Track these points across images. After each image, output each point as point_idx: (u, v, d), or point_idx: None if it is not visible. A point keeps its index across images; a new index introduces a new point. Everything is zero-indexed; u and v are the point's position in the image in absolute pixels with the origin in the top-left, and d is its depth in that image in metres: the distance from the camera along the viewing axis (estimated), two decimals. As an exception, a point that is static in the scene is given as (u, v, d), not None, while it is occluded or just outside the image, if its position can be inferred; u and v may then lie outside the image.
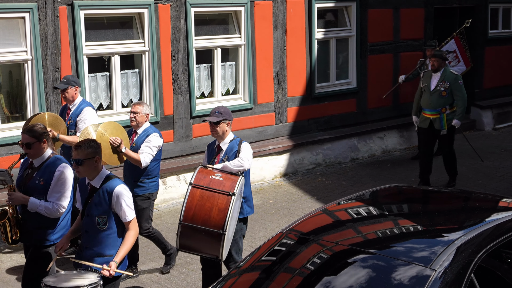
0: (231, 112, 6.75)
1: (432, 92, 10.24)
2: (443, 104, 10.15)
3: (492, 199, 5.66)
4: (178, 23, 10.02)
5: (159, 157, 7.48)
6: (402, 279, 3.93)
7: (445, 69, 10.23)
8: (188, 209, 5.92)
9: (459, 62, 12.60)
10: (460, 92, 10.14)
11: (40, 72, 8.78)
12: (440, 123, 10.24)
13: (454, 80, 10.13)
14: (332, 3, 12.01)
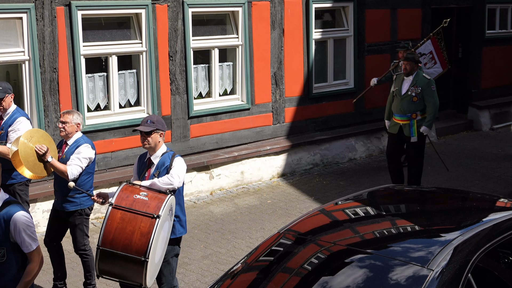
0: (164, 122, 6.15)
1: (402, 97, 9.76)
2: (413, 110, 9.69)
3: (489, 199, 5.68)
4: (176, 23, 10.03)
5: (92, 170, 6.87)
6: (400, 279, 3.93)
7: (417, 73, 9.73)
8: (107, 232, 5.34)
9: (435, 63, 12.10)
10: (432, 98, 9.64)
11: (38, 72, 8.77)
12: (409, 129, 9.78)
13: (426, 85, 9.64)
14: (329, 4, 12.02)
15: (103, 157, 9.50)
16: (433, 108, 9.67)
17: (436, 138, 13.77)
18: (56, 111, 9.00)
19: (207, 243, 8.42)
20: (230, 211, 9.67)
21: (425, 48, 11.85)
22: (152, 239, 5.31)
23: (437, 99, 9.72)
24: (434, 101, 9.66)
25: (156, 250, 5.47)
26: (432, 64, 12.03)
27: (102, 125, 9.45)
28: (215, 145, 10.73)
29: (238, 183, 10.82)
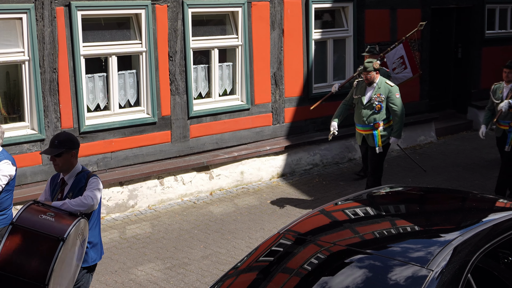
0: (74, 138, 5.54)
1: (365, 106, 9.37)
2: (376, 119, 9.33)
3: (489, 200, 5.68)
4: (176, 23, 10.03)
5: (12, 187, 6.29)
6: (399, 280, 3.94)
7: (380, 80, 9.32)
8: (4, 253, 4.71)
9: (405, 68, 11.53)
10: (396, 106, 9.24)
11: (38, 73, 8.77)
12: (373, 140, 9.41)
13: (390, 93, 9.24)
14: (329, 4, 12.03)
15: (103, 158, 9.51)
16: (399, 116, 9.28)
17: (435, 138, 13.78)
18: (56, 111, 9.00)
19: (207, 243, 8.43)
20: (230, 211, 9.67)
21: (396, 53, 11.42)
22: (54, 264, 4.71)
23: (402, 107, 9.31)
24: (399, 109, 9.27)
25: (60, 278, 4.88)
26: (401, 69, 11.50)
27: (101, 125, 9.46)
28: (215, 145, 10.74)
29: (238, 183, 10.82)
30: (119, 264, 7.85)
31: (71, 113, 9.16)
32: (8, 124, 8.81)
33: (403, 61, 11.46)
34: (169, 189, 10.07)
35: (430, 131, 13.70)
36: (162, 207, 9.86)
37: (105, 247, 8.35)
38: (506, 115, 9.57)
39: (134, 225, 9.10)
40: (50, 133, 8.95)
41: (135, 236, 8.72)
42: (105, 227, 9.04)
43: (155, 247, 8.35)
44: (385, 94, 9.27)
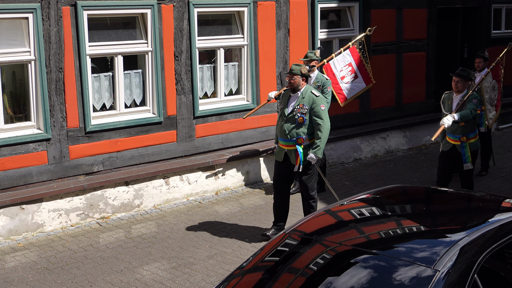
0: None
1: (287, 117, 8.18)
2: (299, 133, 8.13)
3: (495, 200, 5.66)
4: (181, 23, 10.03)
5: None
6: (405, 280, 3.93)
7: (305, 89, 8.16)
8: None
9: (355, 78, 10.52)
10: (320, 119, 8.06)
11: (44, 72, 8.79)
12: (295, 157, 8.21)
13: (314, 104, 8.06)
14: (335, 4, 12.01)
15: (109, 157, 9.52)
16: (322, 131, 8.08)
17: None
18: (62, 111, 9.01)
19: (212, 243, 8.43)
20: (236, 211, 9.67)
21: (343, 59, 10.49)
22: None
23: (328, 120, 8.15)
24: (323, 123, 8.07)
25: None
26: (351, 78, 10.53)
27: (107, 125, 9.47)
28: (220, 145, 10.74)
29: (243, 183, 10.82)
30: (125, 263, 7.85)
31: (77, 113, 9.17)
32: (14, 124, 8.83)
33: (352, 69, 10.55)
34: (174, 188, 10.08)
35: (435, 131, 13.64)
36: (168, 207, 9.86)
37: (111, 246, 8.36)
38: (456, 128, 8.78)
39: (139, 225, 9.10)
40: (56, 133, 8.97)
41: (140, 236, 8.73)
42: (111, 227, 9.05)
43: (161, 246, 8.36)
44: (308, 105, 8.08)
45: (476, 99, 8.78)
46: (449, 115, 8.53)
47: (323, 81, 9.93)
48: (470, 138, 8.88)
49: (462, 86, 8.82)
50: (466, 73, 8.83)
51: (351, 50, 10.57)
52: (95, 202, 9.28)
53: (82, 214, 9.20)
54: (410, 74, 13.31)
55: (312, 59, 9.92)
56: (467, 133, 8.85)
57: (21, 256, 8.06)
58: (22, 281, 7.40)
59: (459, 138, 8.86)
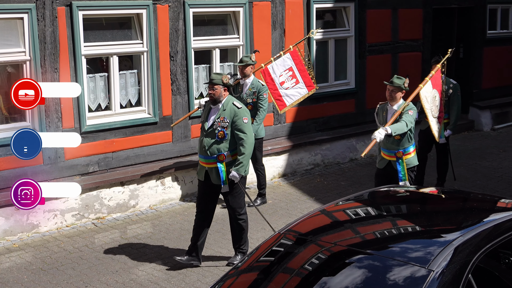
0: None
1: (207, 132, 7.46)
2: (220, 149, 7.41)
3: (490, 200, 5.67)
4: (177, 23, 10.03)
5: None
6: (400, 280, 3.94)
7: (227, 101, 7.42)
8: None
9: (297, 83, 9.84)
10: (243, 134, 7.35)
11: (39, 72, 8.77)
12: (217, 175, 7.47)
13: (236, 116, 7.34)
14: (330, 4, 12.02)
15: (104, 157, 9.51)
16: (246, 147, 7.37)
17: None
18: (57, 111, 9.00)
19: (208, 243, 8.42)
20: (231, 211, 9.66)
21: (283, 63, 9.80)
22: None
23: (251, 134, 7.43)
24: (246, 138, 7.36)
25: None
26: (292, 83, 9.83)
27: (103, 125, 9.46)
28: (216, 145, 10.72)
29: (239, 183, 10.80)
30: (120, 264, 7.85)
31: (72, 113, 9.15)
32: (9, 124, 8.82)
33: (292, 73, 9.83)
34: (170, 189, 10.07)
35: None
36: (163, 207, 9.85)
37: (106, 247, 8.36)
38: (391, 142, 8.06)
39: (135, 225, 9.09)
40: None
41: (136, 236, 8.72)
42: (106, 227, 9.04)
43: (156, 247, 8.35)
44: (230, 118, 7.37)
45: (413, 110, 7.96)
46: (381, 128, 7.69)
47: (259, 87, 9.49)
48: (407, 153, 8.07)
49: (397, 95, 8.04)
50: (401, 81, 8.05)
51: (292, 54, 9.86)
52: (90, 202, 9.27)
53: (78, 215, 9.19)
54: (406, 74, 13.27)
55: (248, 64, 9.45)
56: (403, 147, 8.04)
57: (16, 257, 8.05)
58: (17, 282, 7.39)
59: (395, 154, 8.07)
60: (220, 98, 7.43)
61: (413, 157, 8.15)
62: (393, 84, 8.04)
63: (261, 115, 9.52)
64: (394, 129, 7.71)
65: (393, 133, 7.69)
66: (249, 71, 9.53)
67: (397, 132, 7.74)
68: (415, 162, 8.18)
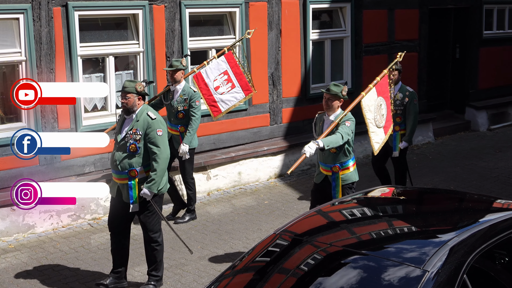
0: None
1: (119, 145, 6.84)
2: (132, 164, 6.79)
3: (485, 200, 5.68)
4: (173, 24, 10.02)
5: None
6: (395, 280, 3.94)
7: (141, 111, 6.80)
8: None
9: (233, 87, 9.29)
10: (157, 147, 6.71)
11: (35, 73, 8.76)
12: (128, 193, 6.84)
13: (149, 128, 6.70)
14: (327, 4, 12.03)
15: (100, 158, 9.50)
16: (159, 162, 6.73)
17: (433, 138, 13.77)
18: (53, 112, 8.99)
19: (204, 244, 8.42)
20: (227, 211, 9.66)
21: (217, 67, 9.20)
22: None
23: (165, 149, 6.78)
24: (159, 153, 6.72)
25: None
26: (227, 88, 9.26)
27: (99, 126, 9.44)
28: (212, 145, 10.73)
29: (235, 184, 10.81)
30: (116, 264, 7.83)
31: (68, 114, 9.14)
32: (5, 125, 8.81)
33: (228, 77, 9.24)
34: (166, 189, 10.05)
35: (428, 131, 13.70)
36: (160, 208, 9.83)
37: (102, 247, 8.35)
38: (327, 156, 7.29)
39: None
40: (47, 134, 8.94)
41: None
42: (102, 228, 9.03)
43: (152, 247, 8.33)
44: (143, 130, 6.75)
45: (351, 121, 7.20)
46: (312, 141, 6.90)
47: (190, 94, 8.88)
48: (344, 168, 7.30)
49: (335, 104, 7.25)
50: (339, 88, 7.24)
51: (226, 57, 9.21)
52: (86, 203, 9.26)
53: (74, 215, 9.17)
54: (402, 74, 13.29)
55: (178, 69, 8.81)
56: (340, 162, 7.28)
57: (12, 258, 8.04)
58: (13, 283, 7.38)
59: (331, 168, 7.29)
60: (133, 107, 6.79)
61: (352, 173, 7.35)
62: (329, 91, 7.23)
63: (194, 124, 8.93)
64: (327, 142, 6.90)
65: (326, 146, 6.88)
66: (180, 76, 8.86)
67: (330, 146, 6.94)
68: (354, 177, 7.37)
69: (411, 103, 9.32)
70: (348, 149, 7.27)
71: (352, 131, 7.18)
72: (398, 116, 9.28)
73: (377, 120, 7.79)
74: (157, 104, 9.06)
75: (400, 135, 9.34)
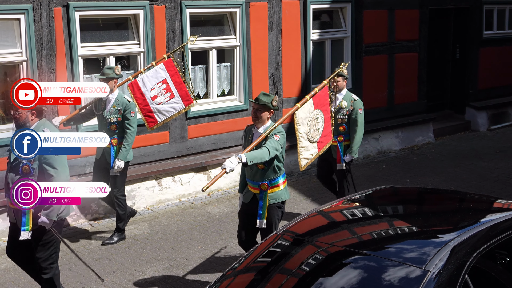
0: None
1: (12, 165, 6.16)
2: None
3: (486, 200, 5.69)
4: (173, 24, 10.03)
5: None
6: (397, 280, 3.95)
7: (37, 126, 6.18)
8: None
9: (172, 97, 8.57)
10: (53, 169, 6.02)
11: (35, 73, 8.77)
12: (21, 221, 6.12)
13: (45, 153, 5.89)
14: (327, 4, 12.03)
15: (101, 158, 9.50)
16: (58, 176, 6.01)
17: (433, 139, 13.77)
18: (54, 112, 9.00)
19: (205, 244, 8.43)
20: (228, 211, 9.67)
21: (155, 75, 8.53)
22: None
23: (63, 170, 6.08)
24: (56, 175, 6.00)
25: None
26: (166, 97, 8.57)
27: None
28: (212, 145, 10.74)
29: (236, 184, 10.81)
30: (117, 264, 7.84)
31: (69, 114, 9.13)
32: (6, 125, 8.81)
33: (167, 86, 8.55)
34: (167, 189, 10.07)
35: (428, 131, 13.71)
36: (160, 208, 9.85)
37: (103, 247, 8.35)
38: (255, 172, 6.72)
39: (132, 226, 9.08)
40: (48, 134, 8.94)
41: (133, 237, 8.72)
42: (103, 228, 9.04)
43: (153, 247, 8.35)
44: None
45: (281, 134, 6.60)
46: (234, 155, 6.33)
47: (124, 104, 8.26)
48: (273, 186, 6.71)
49: (264, 115, 6.71)
50: (268, 98, 6.68)
51: (166, 64, 8.56)
52: (87, 203, 9.26)
53: (74, 215, 9.18)
54: (402, 74, 13.34)
55: (110, 77, 8.16)
56: (268, 179, 6.68)
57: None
58: (14, 283, 7.38)
59: (259, 185, 6.70)
60: (26, 123, 6.13)
61: (282, 191, 6.75)
62: (258, 101, 6.67)
63: (129, 138, 8.29)
64: (251, 158, 6.29)
65: (249, 162, 6.26)
66: (112, 85, 8.18)
67: (254, 161, 6.32)
68: (283, 196, 6.77)
69: (357, 112, 8.58)
70: (278, 166, 6.67)
71: (281, 145, 6.55)
72: (341, 125, 8.61)
73: (310, 135, 7.22)
74: (87, 115, 8.48)
75: (344, 146, 8.64)
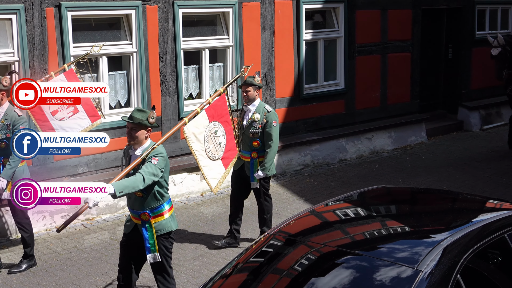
0: None
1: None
2: None
3: (479, 200, 5.70)
4: (166, 24, 10.01)
5: None
6: (389, 280, 3.95)
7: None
8: None
9: (75, 112, 7.59)
10: None
11: (28, 73, 8.74)
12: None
13: None
14: (320, 5, 12.04)
15: (93, 158, 9.48)
16: None
17: (426, 138, 13.79)
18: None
19: (198, 244, 8.42)
20: (221, 212, 9.66)
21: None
22: None
23: None
24: None
25: None
26: (68, 113, 7.60)
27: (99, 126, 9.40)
28: (205, 146, 10.71)
29: (228, 184, 10.77)
30: (110, 265, 7.82)
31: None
32: None
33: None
34: (160, 190, 10.04)
35: (420, 131, 13.73)
36: (153, 208, 9.82)
37: (96, 248, 8.33)
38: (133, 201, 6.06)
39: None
40: (40, 134, 8.91)
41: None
42: (96, 228, 9.01)
43: (146, 248, 8.32)
44: None
45: (160, 157, 5.82)
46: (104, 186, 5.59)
47: (13, 118, 7.30)
48: (157, 215, 6.00)
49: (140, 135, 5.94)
50: (144, 115, 5.89)
51: (67, 75, 7.63)
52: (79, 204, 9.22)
53: (67, 216, 9.15)
54: (395, 75, 13.36)
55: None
56: (149, 207, 5.97)
57: (5, 259, 8.01)
58: (6, 284, 7.35)
59: (139, 215, 5.99)
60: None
61: (166, 220, 6.05)
62: (132, 119, 5.86)
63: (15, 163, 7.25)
64: (121, 187, 5.51)
65: (119, 192, 5.47)
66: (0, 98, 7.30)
67: (125, 191, 5.54)
68: (170, 226, 6.08)
69: (270, 125, 7.94)
70: (159, 191, 5.92)
71: (161, 169, 5.77)
72: (255, 140, 7.99)
73: (209, 152, 6.67)
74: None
75: (258, 163, 8.06)
